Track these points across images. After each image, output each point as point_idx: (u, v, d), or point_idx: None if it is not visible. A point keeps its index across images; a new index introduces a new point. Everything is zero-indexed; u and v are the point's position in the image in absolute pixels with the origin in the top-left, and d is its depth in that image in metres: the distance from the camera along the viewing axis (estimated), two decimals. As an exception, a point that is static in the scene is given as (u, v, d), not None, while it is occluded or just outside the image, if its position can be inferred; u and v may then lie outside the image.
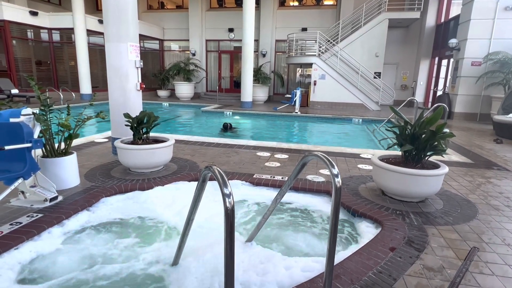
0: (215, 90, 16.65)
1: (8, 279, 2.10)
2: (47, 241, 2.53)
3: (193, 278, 2.15)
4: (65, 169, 3.41)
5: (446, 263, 2.29)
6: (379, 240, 2.55)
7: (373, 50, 13.36)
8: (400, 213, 3.07)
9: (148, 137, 4.18)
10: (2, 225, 2.61)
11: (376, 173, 3.48)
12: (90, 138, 6.04)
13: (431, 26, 14.27)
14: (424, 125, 3.23)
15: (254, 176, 4.00)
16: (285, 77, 16.92)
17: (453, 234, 2.71)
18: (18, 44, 13.05)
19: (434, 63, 14.57)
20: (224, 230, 1.37)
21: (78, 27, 13.36)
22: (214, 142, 5.99)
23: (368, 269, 2.16)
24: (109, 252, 2.51)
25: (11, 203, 3.03)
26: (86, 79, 14.06)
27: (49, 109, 3.31)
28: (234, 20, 16.23)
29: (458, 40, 10.86)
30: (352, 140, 8.18)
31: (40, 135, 3.16)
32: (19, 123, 2.80)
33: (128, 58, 4.51)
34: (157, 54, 18.30)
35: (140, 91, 4.79)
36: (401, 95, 15.14)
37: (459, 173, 4.48)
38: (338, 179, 1.63)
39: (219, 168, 1.52)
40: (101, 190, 3.43)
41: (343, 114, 11.35)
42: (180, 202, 3.30)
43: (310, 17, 15.79)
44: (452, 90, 11.37)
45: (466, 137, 7.51)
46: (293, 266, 2.27)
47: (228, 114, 11.68)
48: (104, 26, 4.50)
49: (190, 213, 2.00)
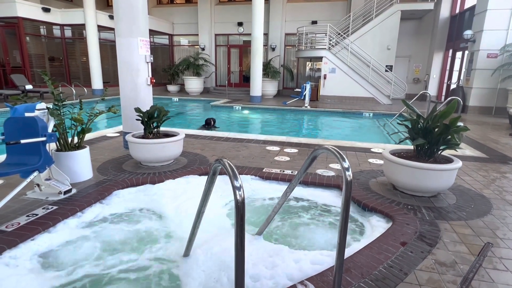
0: (224, 84, 16.64)
1: (25, 269, 2.17)
2: (62, 232, 2.60)
3: (200, 271, 2.18)
4: (78, 163, 3.48)
5: (458, 258, 2.26)
6: (390, 234, 2.53)
7: (384, 43, 13.11)
8: (411, 208, 3.03)
9: (158, 131, 4.22)
10: (19, 217, 2.69)
11: (387, 168, 3.44)
12: (102, 132, 6.13)
13: (445, 17, 13.88)
14: (437, 118, 3.17)
15: (263, 170, 4.01)
16: (294, 71, 16.78)
17: (466, 229, 2.66)
18: (31, 41, 13.29)
19: (448, 56, 14.20)
20: (235, 223, 1.38)
21: (89, 23, 13.50)
22: (223, 136, 6.01)
23: (379, 263, 2.15)
24: (122, 243, 2.56)
25: (27, 196, 3.12)
26: (98, 74, 14.24)
27: (62, 104, 3.37)
28: (243, 14, 16.13)
29: (474, 32, 10.54)
30: (363, 135, 8.09)
31: (54, 129, 3.23)
32: (34, 117, 2.86)
33: (139, 53, 4.55)
34: (166, 49, 18.38)
35: (151, 86, 4.83)
36: (414, 89, 14.84)
37: (473, 168, 4.39)
38: (348, 173, 1.62)
39: (229, 161, 1.52)
40: (113, 183, 3.50)
41: (353, 108, 11.22)
42: (190, 195, 3.33)
43: (320, 10, 15.56)
44: (466, 83, 11.08)
45: (480, 131, 7.33)
46: (302, 259, 2.28)
47: (238, 109, 11.69)
48: (114, 22, 4.53)
49: (200, 206, 2.02)
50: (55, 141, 3.05)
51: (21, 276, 2.08)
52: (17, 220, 2.64)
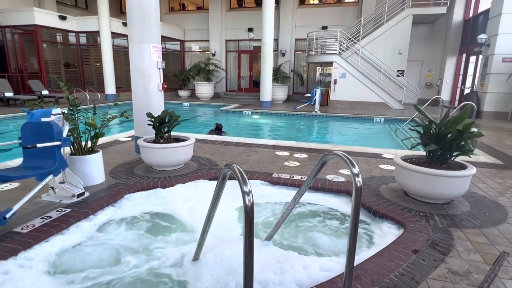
0: (234, 89, 16.76)
1: (39, 271, 2.22)
2: (75, 235, 2.65)
3: (209, 275, 2.18)
4: (91, 167, 3.56)
5: (473, 267, 2.20)
6: (401, 242, 2.49)
7: (396, 48, 12.99)
8: (423, 215, 2.97)
9: (169, 136, 4.28)
10: (34, 219, 2.76)
11: (398, 174, 3.39)
12: (115, 137, 6.25)
13: (458, 21, 13.69)
14: (450, 124, 3.11)
15: (273, 175, 4.01)
16: (304, 76, 16.77)
17: (480, 238, 2.60)
18: (48, 47, 13.70)
19: (461, 60, 13.96)
20: (244, 227, 1.38)
21: (103, 30, 13.84)
22: (233, 141, 6.04)
23: (390, 271, 2.12)
24: (133, 245, 2.59)
25: (42, 198, 3.19)
26: (111, 80, 14.55)
27: (77, 109, 3.45)
28: (253, 20, 16.26)
29: (488, 36, 10.35)
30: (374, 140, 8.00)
31: (69, 133, 3.31)
32: (50, 122, 2.94)
33: (151, 59, 4.63)
34: (178, 55, 18.66)
35: (162, 91, 4.91)
36: (426, 94, 14.63)
37: (487, 175, 4.28)
38: (358, 179, 1.61)
39: (239, 166, 1.53)
40: (125, 187, 3.55)
41: (364, 113, 11.12)
42: (200, 200, 3.35)
43: (330, 15, 15.56)
44: (481, 88, 10.86)
45: (496, 137, 7.16)
46: (312, 266, 2.26)
47: (248, 113, 11.73)
48: (128, 29, 4.64)
49: (210, 211, 2.04)
50: (70, 145, 3.14)
51: (36, 278, 2.13)
52: (32, 222, 2.70)
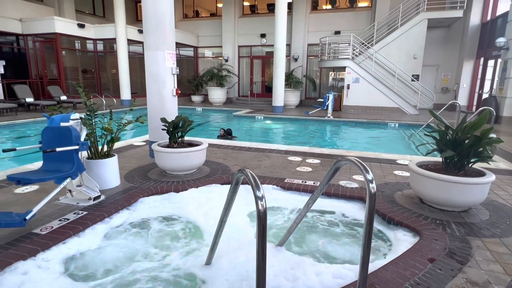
0: (247, 95, 16.85)
1: (55, 271, 2.27)
2: (91, 237, 2.71)
3: (223, 280, 2.19)
4: (107, 170, 3.64)
5: (492, 278, 2.13)
6: (417, 250, 2.43)
7: (411, 52, 12.81)
8: (440, 223, 2.90)
9: (183, 141, 4.34)
10: (52, 221, 2.84)
11: (414, 180, 3.32)
12: (129, 141, 6.38)
13: (475, 25, 13.39)
14: (467, 130, 3.04)
15: (285, 181, 4.00)
16: (317, 81, 16.72)
17: (500, 247, 2.51)
18: (67, 54, 14.17)
19: (479, 64, 13.63)
20: (256, 232, 1.39)
21: (120, 37, 14.21)
22: (245, 146, 6.06)
23: (405, 279, 2.07)
24: (147, 248, 2.63)
25: (60, 201, 3.28)
26: (126, 86, 14.89)
27: (94, 114, 3.55)
28: (266, 26, 16.37)
29: (507, 39, 10.08)
30: (388, 146, 7.88)
31: (86, 138, 3.40)
32: (68, 127, 3.04)
33: (165, 66, 4.73)
34: (191, 61, 18.95)
35: (176, 96, 4.99)
36: (442, 99, 14.32)
37: (508, 182, 4.14)
38: (372, 185, 1.59)
39: (251, 171, 1.54)
40: (139, 190, 3.61)
41: (378, 118, 10.97)
42: (213, 204, 3.37)
43: (343, 20, 15.51)
44: (500, 93, 10.55)
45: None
46: (324, 272, 2.23)
47: (260, 119, 11.77)
48: (143, 36, 4.76)
49: (223, 215, 2.05)
50: (87, 149, 3.22)
51: (53, 280, 2.18)
52: (50, 224, 2.78)
